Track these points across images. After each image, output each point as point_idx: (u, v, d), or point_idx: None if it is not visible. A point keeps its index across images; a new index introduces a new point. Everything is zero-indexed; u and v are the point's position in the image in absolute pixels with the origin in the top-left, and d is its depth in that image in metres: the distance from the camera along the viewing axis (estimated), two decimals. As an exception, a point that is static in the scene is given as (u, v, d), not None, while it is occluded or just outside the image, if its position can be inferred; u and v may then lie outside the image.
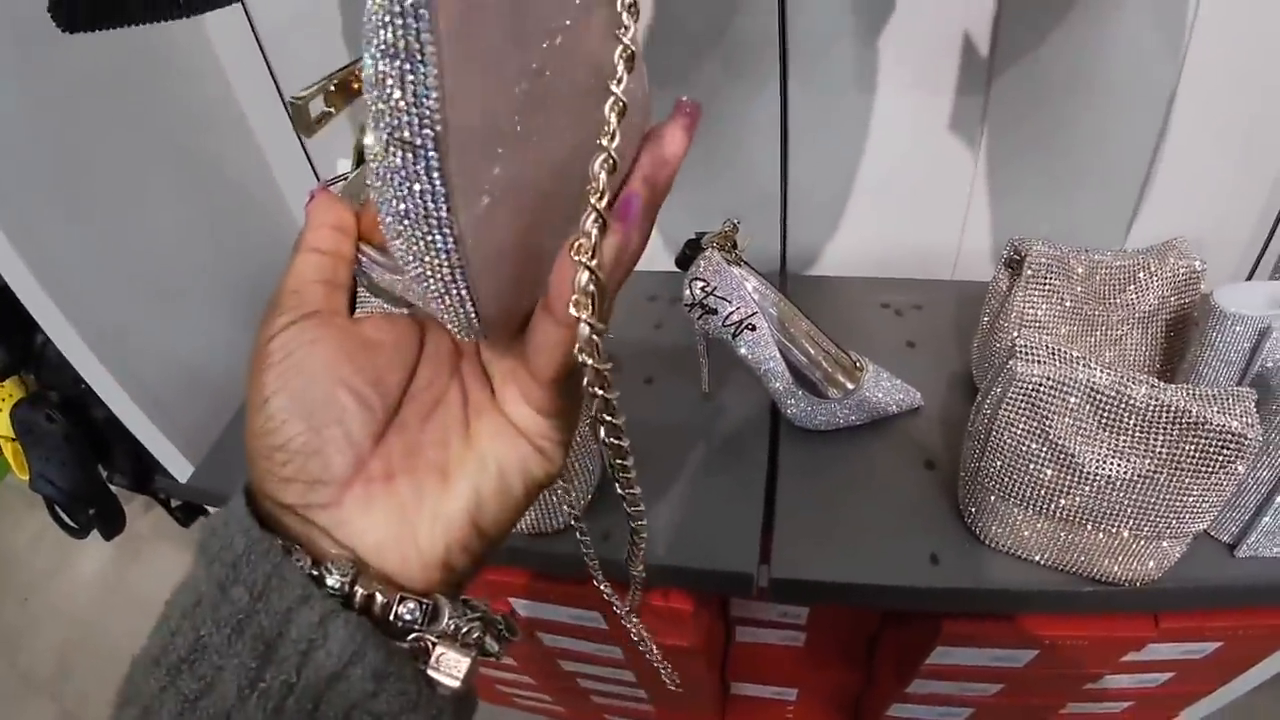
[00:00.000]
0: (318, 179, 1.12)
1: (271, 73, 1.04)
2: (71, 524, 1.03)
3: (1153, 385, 0.66)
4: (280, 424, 0.29)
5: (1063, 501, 0.70)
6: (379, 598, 0.29)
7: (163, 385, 0.93)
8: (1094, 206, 1.00)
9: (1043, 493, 0.71)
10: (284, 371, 0.29)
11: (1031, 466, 0.70)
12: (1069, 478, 0.69)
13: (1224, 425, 0.63)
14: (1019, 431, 0.69)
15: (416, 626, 0.29)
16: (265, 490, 0.29)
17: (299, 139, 1.10)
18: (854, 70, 0.91)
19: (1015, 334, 0.70)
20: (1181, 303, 0.80)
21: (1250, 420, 0.63)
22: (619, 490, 0.34)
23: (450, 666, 0.30)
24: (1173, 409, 0.65)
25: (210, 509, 1.07)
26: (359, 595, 0.28)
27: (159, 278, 0.94)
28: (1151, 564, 0.72)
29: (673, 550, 0.78)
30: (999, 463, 0.72)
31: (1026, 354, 0.68)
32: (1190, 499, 0.67)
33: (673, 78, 0.93)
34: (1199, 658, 0.89)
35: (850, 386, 0.85)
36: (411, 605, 0.29)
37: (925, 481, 0.82)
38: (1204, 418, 0.64)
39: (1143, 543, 0.71)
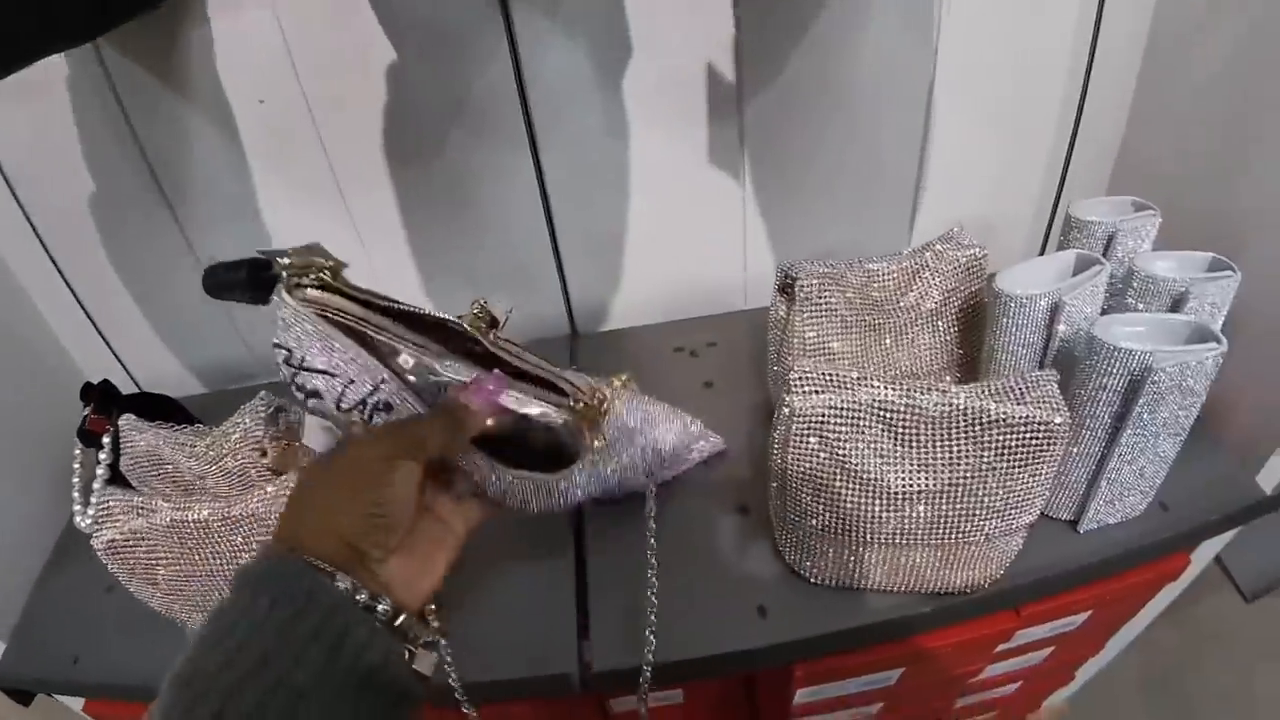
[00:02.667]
0: (91, 321, 0.97)
1: (25, 213, 0.88)
2: None
3: (943, 391, 0.56)
4: (387, 506, 0.41)
5: (880, 527, 0.60)
6: (401, 620, 0.40)
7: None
8: (875, 211, 0.93)
9: (856, 522, 0.60)
10: (401, 481, 0.41)
11: (836, 500, 0.59)
12: (879, 503, 0.59)
13: (1029, 416, 0.55)
14: (814, 466, 0.58)
15: (411, 635, 0.40)
16: (348, 533, 0.39)
17: (66, 284, 0.94)
18: (602, 117, 0.81)
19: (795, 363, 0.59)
20: (969, 291, 0.71)
21: (1055, 405, 0.55)
22: None
23: (423, 662, 0.40)
24: (969, 411, 0.56)
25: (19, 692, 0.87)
26: (399, 618, 0.40)
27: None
28: (993, 565, 0.64)
29: (486, 665, 0.64)
30: (804, 499, 0.61)
31: (802, 385, 0.57)
32: (1012, 496, 0.58)
33: (422, 153, 0.81)
34: (1074, 629, 0.83)
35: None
36: (410, 624, 0.40)
37: (741, 529, 0.71)
38: (1004, 414, 0.55)
39: (975, 548, 0.61)
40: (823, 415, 0.56)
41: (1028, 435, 0.55)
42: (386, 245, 0.88)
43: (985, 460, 0.56)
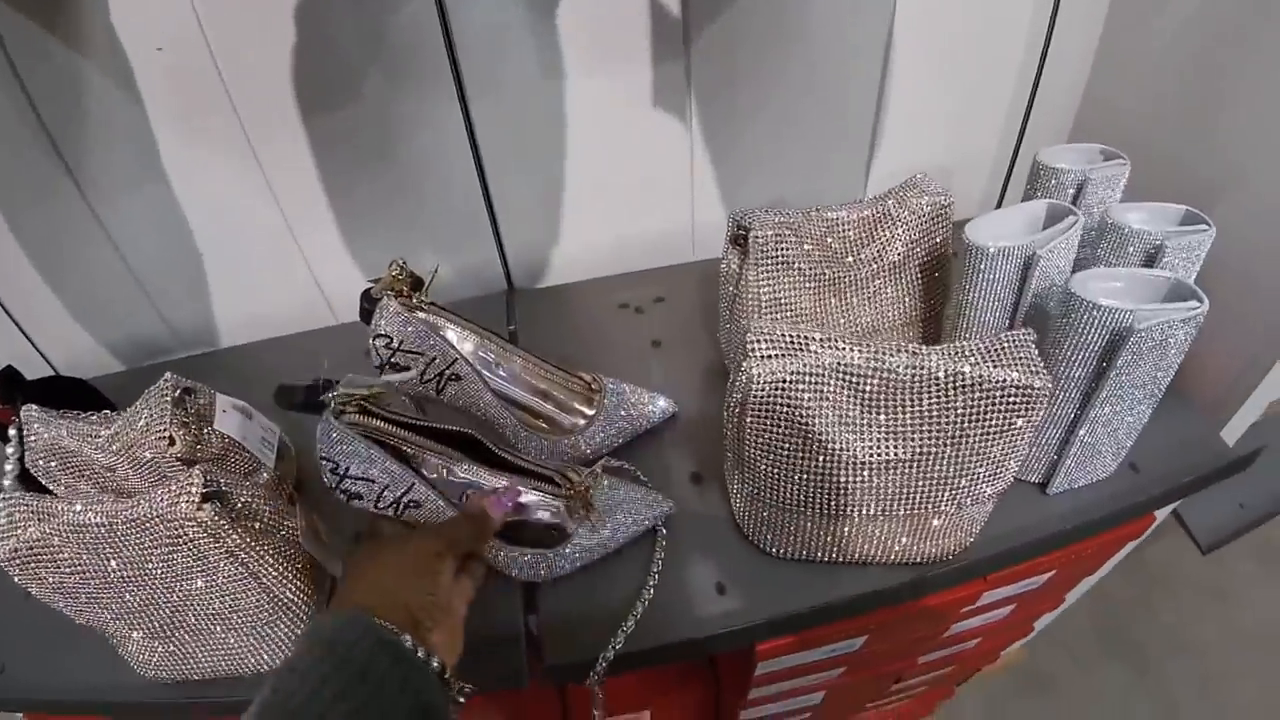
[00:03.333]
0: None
1: None
2: None
3: (914, 353, 0.50)
4: (438, 589, 0.49)
5: (846, 499, 0.53)
6: (447, 674, 0.46)
7: None
8: (830, 155, 0.86)
9: (820, 495, 0.54)
10: (446, 571, 0.51)
11: (798, 471, 0.53)
12: (845, 474, 0.52)
13: (1006, 379, 0.49)
14: (775, 436, 0.52)
15: (452, 688, 0.46)
16: (411, 606, 0.47)
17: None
18: (535, 58, 0.72)
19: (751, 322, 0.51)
20: (934, 241, 0.65)
21: (1034, 367, 0.49)
22: None
23: (454, 710, 0.46)
24: (943, 374, 0.49)
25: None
26: (447, 672, 0.46)
27: None
28: (963, 533, 0.59)
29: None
30: (763, 470, 0.54)
31: (760, 348, 0.50)
32: (987, 463, 0.53)
33: (340, 103, 0.71)
34: (1037, 588, 0.78)
35: (589, 412, 0.66)
36: (452, 679, 0.47)
37: (695, 499, 0.65)
38: (981, 376, 0.49)
39: (946, 518, 0.57)
40: (783, 380, 0.49)
41: (1005, 399, 0.49)
42: (306, 208, 0.79)
43: (959, 426, 0.50)
